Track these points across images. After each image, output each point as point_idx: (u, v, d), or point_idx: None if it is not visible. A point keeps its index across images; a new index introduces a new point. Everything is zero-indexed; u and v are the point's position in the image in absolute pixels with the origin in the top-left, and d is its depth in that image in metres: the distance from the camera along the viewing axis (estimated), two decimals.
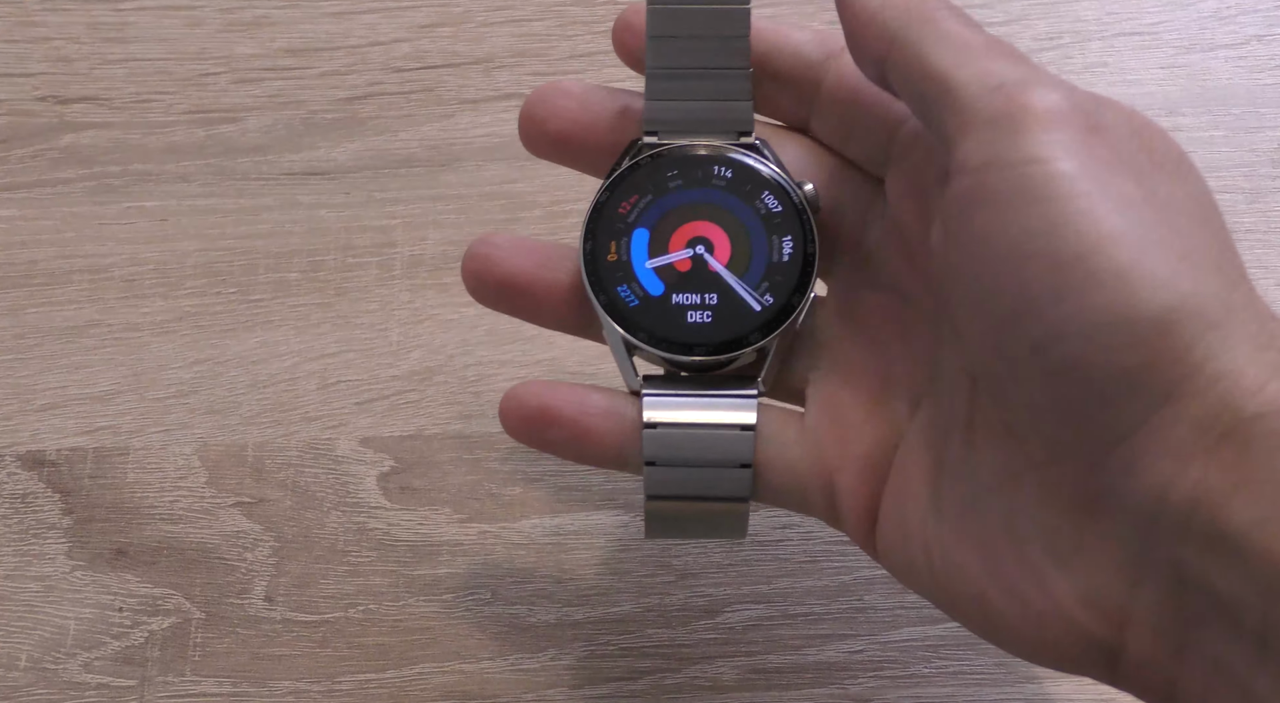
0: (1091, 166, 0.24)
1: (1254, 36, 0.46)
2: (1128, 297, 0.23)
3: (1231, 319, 0.23)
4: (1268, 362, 0.23)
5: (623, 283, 0.31)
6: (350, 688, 0.36)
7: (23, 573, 0.38)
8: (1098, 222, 0.23)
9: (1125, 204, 0.24)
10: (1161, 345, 0.23)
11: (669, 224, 0.31)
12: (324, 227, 0.43)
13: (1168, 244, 0.24)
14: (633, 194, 0.31)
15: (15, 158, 0.45)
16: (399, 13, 0.47)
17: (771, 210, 0.31)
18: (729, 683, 0.36)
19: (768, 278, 0.31)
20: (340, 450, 0.40)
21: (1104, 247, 0.23)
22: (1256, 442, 0.22)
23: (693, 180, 0.31)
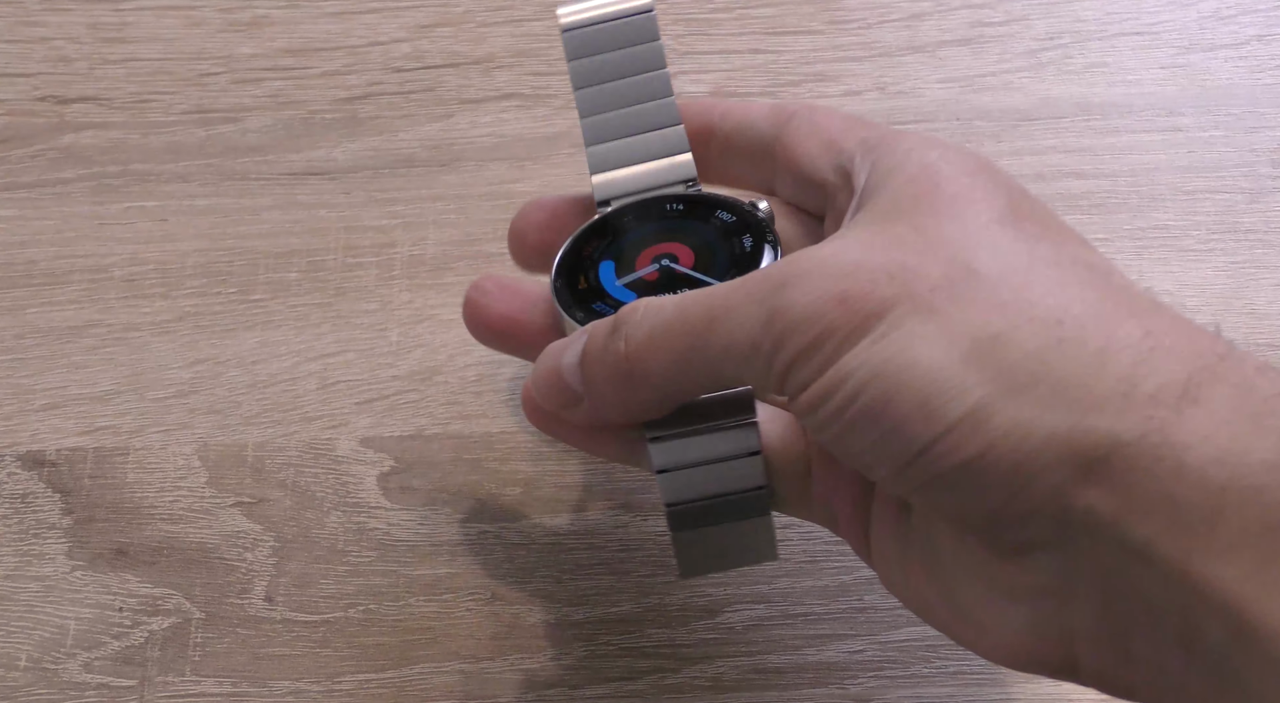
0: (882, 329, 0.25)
1: (1254, 36, 0.46)
2: (934, 416, 0.24)
3: (1065, 358, 0.24)
4: (1120, 384, 0.23)
5: (597, 301, 0.31)
6: (350, 688, 0.36)
7: (23, 573, 0.38)
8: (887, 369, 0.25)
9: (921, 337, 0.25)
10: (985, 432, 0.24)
11: (632, 251, 0.32)
12: (324, 227, 0.43)
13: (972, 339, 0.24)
14: (593, 239, 0.33)
15: (15, 158, 0.45)
16: (399, 13, 0.47)
17: (727, 223, 0.32)
18: (729, 683, 0.36)
19: (735, 267, 0.31)
20: (340, 450, 0.40)
21: (897, 389, 0.25)
22: (1126, 477, 0.23)
23: (648, 218, 0.33)
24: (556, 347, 0.31)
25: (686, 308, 0.28)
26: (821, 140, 0.32)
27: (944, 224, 0.26)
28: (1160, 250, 0.42)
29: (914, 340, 0.24)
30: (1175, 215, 0.43)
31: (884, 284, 0.25)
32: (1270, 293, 0.41)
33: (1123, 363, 0.24)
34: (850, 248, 0.27)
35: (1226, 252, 0.42)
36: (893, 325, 0.25)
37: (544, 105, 0.46)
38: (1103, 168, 0.44)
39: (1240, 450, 0.22)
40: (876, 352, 0.25)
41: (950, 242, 0.26)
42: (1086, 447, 0.23)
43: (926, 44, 0.47)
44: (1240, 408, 0.23)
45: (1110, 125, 0.44)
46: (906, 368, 0.24)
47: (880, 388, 0.25)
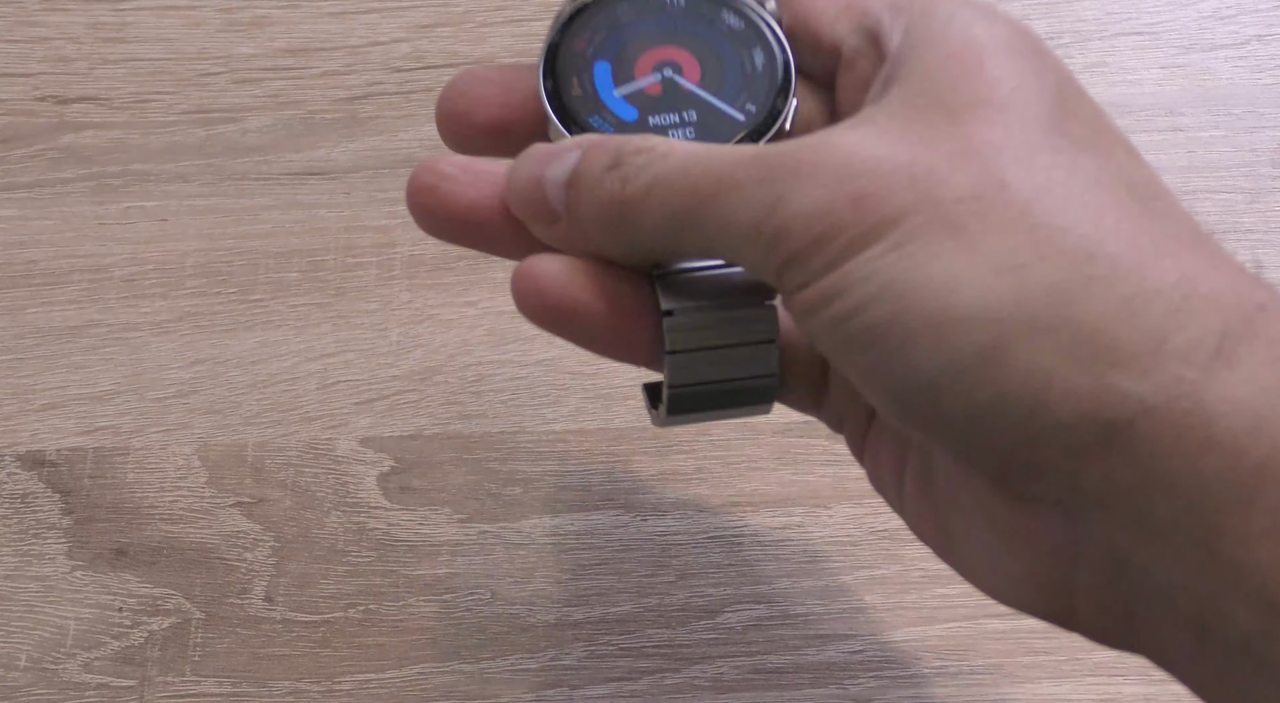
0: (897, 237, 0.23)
1: (1254, 36, 0.46)
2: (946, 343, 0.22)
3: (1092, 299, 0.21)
4: (1150, 337, 0.21)
5: (594, 113, 0.28)
6: (350, 688, 0.36)
7: (23, 573, 0.38)
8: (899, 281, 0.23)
9: (939, 253, 0.22)
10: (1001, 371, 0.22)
11: (631, 54, 0.29)
12: (324, 227, 0.43)
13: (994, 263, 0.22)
14: (586, 33, 0.29)
15: (15, 158, 0.45)
16: (399, 13, 0.47)
17: (734, 28, 0.29)
18: (729, 683, 0.36)
19: (745, 89, 0.29)
20: (340, 450, 0.40)
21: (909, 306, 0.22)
22: (1150, 445, 0.21)
23: (646, 11, 0.29)
24: (542, 152, 0.27)
25: (692, 167, 0.25)
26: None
27: (981, 121, 0.23)
28: None
29: (931, 257, 0.22)
30: None
31: (904, 188, 0.22)
32: None
33: (1154, 312, 0.21)
34: (871, 138, 0.24)
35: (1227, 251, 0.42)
36: (909, 235, 0.22)
37: None
38: None
39: (1278, 420, 0.20)
40: (887, 264, 0.22)
41: (986, 145, 0.23)
42: (1109, 408, 0.21)
43: None
44: (1277, 369, 0.21)
45: None
46: (919, 287, 0.22)
47: (887, 305, 0.22)
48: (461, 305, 0.42)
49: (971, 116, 0.23)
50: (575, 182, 0.26)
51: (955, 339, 0.22)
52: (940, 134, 0.23)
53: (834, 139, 0.24)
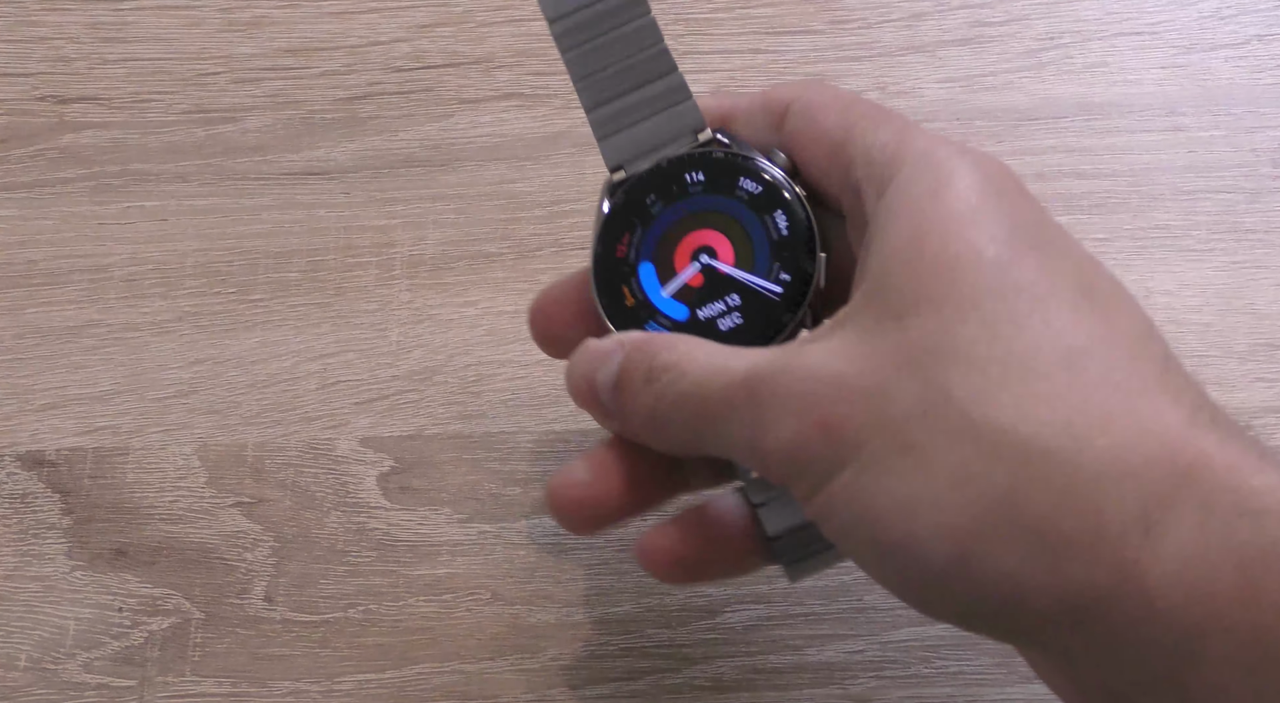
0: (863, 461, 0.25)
1: (1254, 36, 0.46)
2: (919, 559, 0.25)
3: (1034, 498, 0.24)
4: (1088, 527, 0.23)
5: (649, 320, 0.31)
6: (350, 688, 0.36)
7: (22, 573, 0.38)
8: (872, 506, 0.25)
9: (899, 473, 0.25)
10: (970, 579, 0.24)
11: (667, 247, 0.31)
12: (323, 226, 0.43)
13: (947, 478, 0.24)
14: (623, 233, 0.31)
15: (14, 158, 0.45)
16: (399, 13, 0.47)
17: (753, 193, 0.31)
18: (729, 683, 0.36)
19: (776, 257, 0.31)
20: (340, 450, 0.39)
21: (883, 529, 0.25)
22: (1106, 625, 0.24)
23: (670, 197, 0.31)
24: (592, 352, 0.30)
25: (702, 387, 0.28)
26: (825, 147, 0.30)
27: (924, 322, 0.25)
28: (1160, 250, 0.42)
29: (892, 480, 0.25)
30: (1175, 215, 0.43)
31: (862, 409, 0.25)
32: (1270, 293, 0.41)
33: (1090, 498, 0.23)
34: (833, 356, 0.26)
35: (1226, 251, 0.42)
36: (872, 459, 0.25)
37: (544, 105, 0.46)
38: (1103, 168, 0.44)
39: (1207, 587, 0.23)
40: (858, 490, 0.25)
41: (928, 351, 0.25)
42: (1074, 595, 0.23)
43: (926, 44, 0.47)
44: (1202, 536, 0.23)
45: (1110, 125, 0.44)
46: (886, 512, 0.25)
47: (864, 531, 0.25)
48: (461, 305, 0.42)
49: (915, 319, 0.25)
50: (620, 389, 0.29)
51: (925, 556, 0.24)
52: (889, 342, 0.25)
53: (803, 360, 0.26)
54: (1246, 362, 0.40)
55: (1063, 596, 0.23)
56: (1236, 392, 0.40)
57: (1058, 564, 0.23)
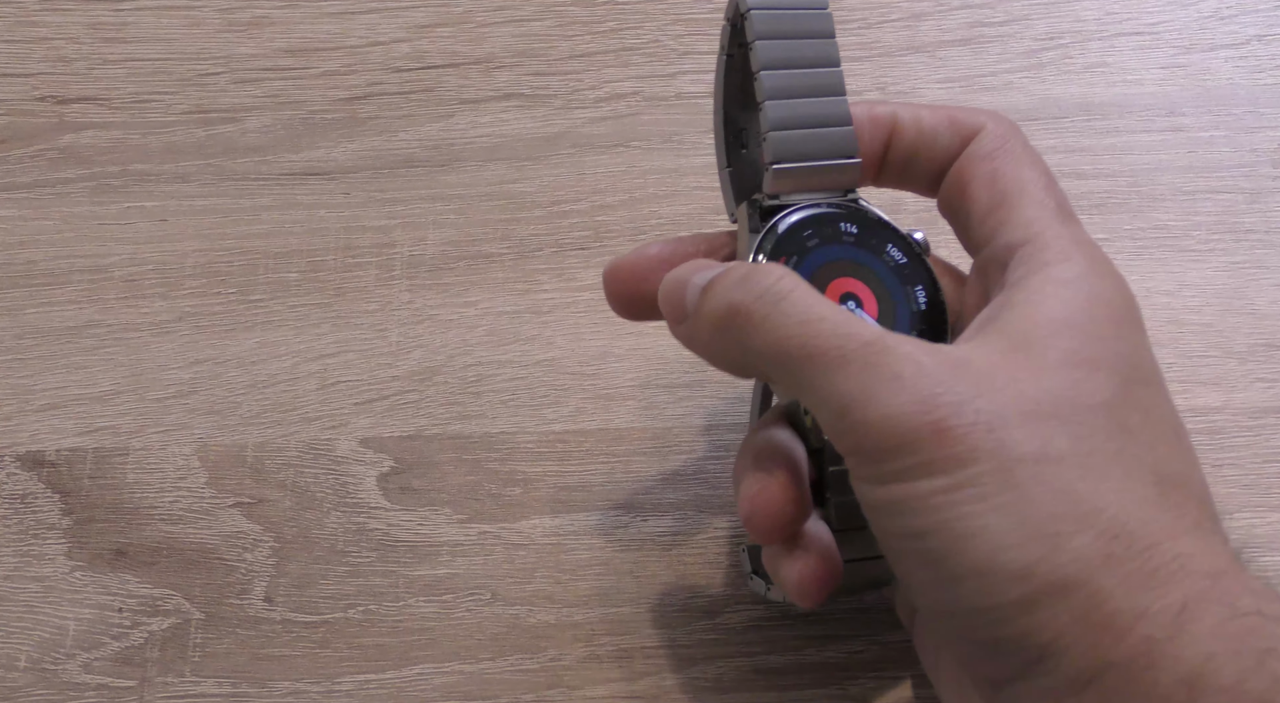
0: (950, 477, 0.26)
1: (1254, 36, 0.46)
2: (987, 590, 0.26)
3: (1101, 574, 0.25)
4: (1133, 608, 0.25)
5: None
6: (350, 689, 0.36)
7: (22, 574, 0.38)
8: (955, 524, 0.26)
9: (984, 501, 0.26)
10: (1027, 622, 0.26)
11: (821, 281, 0.32)
12: (323, 227, 0.43)
13: (1029, 528, 0.26)
14: (781, 255, 0.32)
15: (14, 158, 0.45)
16: (399, 13, 0.47)
17: (899, 262, 0.32)
18: (729, 684, 0.36)
19: (914, 327, 0.31)
20: (340, 451, 0.39)
21: (963, 547, 0.26)
22: (1111, 687, 0.25)
23: (826, 236, 0.32)
24: (700, 262, 0.31)
25: (810, 316, 0.28)
26: (995, 196, 0.31)
27: (1059, 386, 0.27)
28: (1160, 250, 0.42)
29: (989, 508, 0.26)
30: (1175, 215, 0.43)
31: (981, 433, 0.26)
32: (1270, 293, 0.41)
33: (1146, 587, 0.25)
34: (968, 370, 0.27)
35: (1227, 252, 0.42)
36: (974, 479, 0.26)
37: (544, 105, 0.46)
38: (1103, 168, 0.44)
39: (1208, 673, 0.24)
40: (951, 502, 0.26)
41: (1058, 411, 0.27)
42: (1095, 663, 0.25)
43: (926, 44, 0.47)
44: (1220, 630, 0.25)
45: (1110, 125, 0.44)
46: (974, 535, 0.26)
47: (944, 542, 0.26)
48: (461, 306, 0.42)
49: (1053, 379, 0.27)
50: (710, 287, 0.30)
51: (996, 589, 0.26)
52: (1024, 388, 0.27)
53: (940, 357, 0.27)
54: (1246, 362, 0.40)
55: (1090, 660, 0.25)
56: (1236, 392, 0.40)
57: (1099, 634, 0.25)
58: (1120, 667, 0.25)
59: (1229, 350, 0.40)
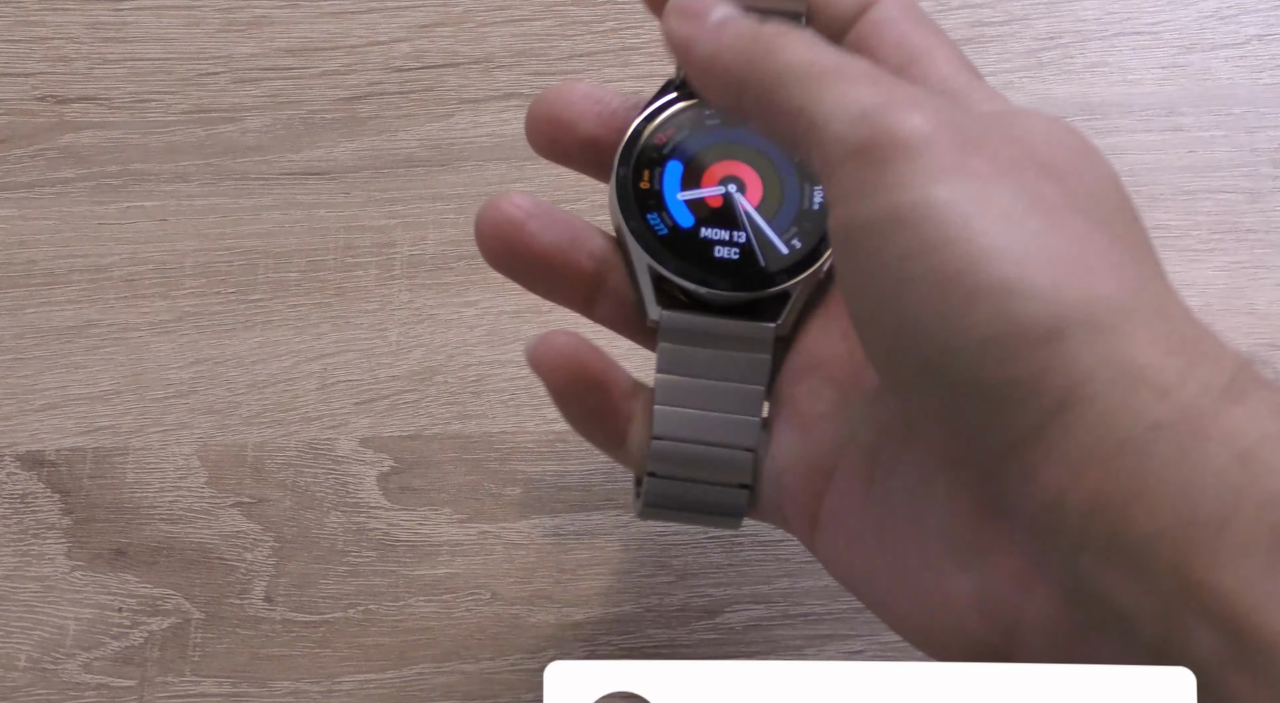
0: (965, 185, 0.24)
1: (1254, 36, 0.46)
2: (1010, 310, 0.23)
3: (1132, 322, 0.23)
4: (1174, 368, 0.22)
5: (653, 211, 0.31)
6: (350, 688, 0.36)
7: (22, 573, 0.38)
8: (974, 239, 0.23)
9: (1005, 218, 0.23)
10: (1049, 356, 0.23)
11: (703, 160, 0.31)
12: (323, 226, 0.43)
13: (1054, 252, 0.23)
14: (670, 128, 0.31)
15: (14, 158, 0.45)
16: (399, 13, 0.47)
17: (805, 162, 0.30)
18: None
19: (797, 224, 0.31)
20: (340, 451, 0.39)
21: (983, 262, 0.23)
22: (1156, 451, 0.22)
23: (730, 121, 0.31)
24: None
25: (817, 49, 0.26)
26: (903, 57, 0.29)
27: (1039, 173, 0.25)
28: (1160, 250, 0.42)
29: (1015, 226, 0.23)
30: (1175, 215, 0.43)
31: (1005, 164, 0.24)
32: (1271, 293, 0.41)
33: (1179, 351, 0.23)
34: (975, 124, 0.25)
35: (1227, 252, 0.42)
36: (998, 199, 0.24)
37: None
38: None
39: (1266, 454, 0.21)
40: (973, 216, 0.23)
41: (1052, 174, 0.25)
42: (1126, 423, 0.22)
43: None
44: (1274, 410, 0.22)
45: (1110, 125, 0.44)
46: (1001, 250, 0.23)
47: (962, 256, 0.23)
48: (461, 306, 0.42)
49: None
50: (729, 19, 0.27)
51: (1020, 311, 0.23)
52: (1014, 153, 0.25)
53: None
54: None
55: (1120, 418, 0.22)
56: None
57: (1134, 387, 0.22)
58: (1165, 430, 0.22)
59: None
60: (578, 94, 0.31)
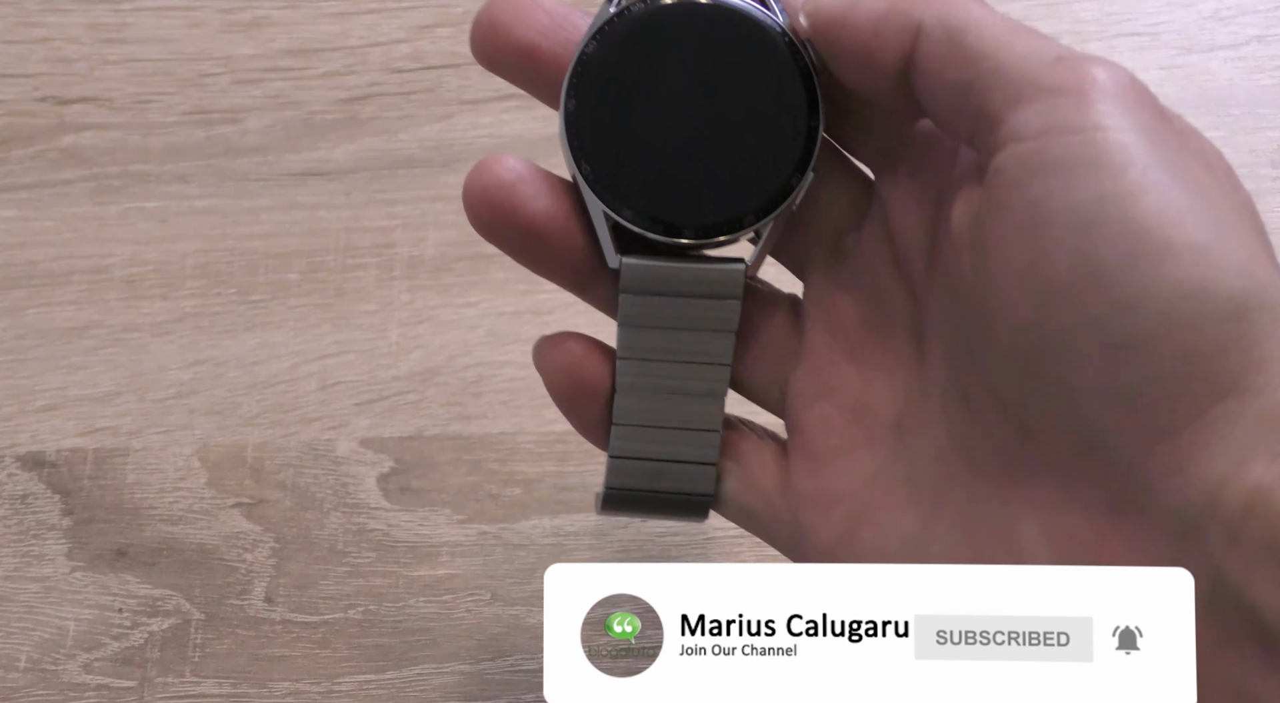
0: (1159, 144, 0.23)
1: (1254, 37, 0.46)
2: (1207, 273, 0.21)
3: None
4: None
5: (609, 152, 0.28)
6: (350, 689, 0.36)
7: (22, 574, 0.38)
8: (1172, 194, 0.22)
9: (1194, 185, 0.23)
10: (1234, 331, 0.21)
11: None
12: (324, 227, 0.43)
13: (1236, 231, 0.22)
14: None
15: (15, 158, 0.45)
16: (399, 13, 0.47)
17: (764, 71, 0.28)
18: None
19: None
20: (340, 451, 0.40)
21: (1180, 219, 0.22)
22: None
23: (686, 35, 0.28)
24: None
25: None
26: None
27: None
28: None
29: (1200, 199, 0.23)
30: None
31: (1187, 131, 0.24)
32: None
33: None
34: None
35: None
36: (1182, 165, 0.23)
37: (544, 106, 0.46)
38: None
39: None
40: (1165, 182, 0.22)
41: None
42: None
43: None
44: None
45: None
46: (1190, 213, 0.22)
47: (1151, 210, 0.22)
48: (461, 306, 0.42)
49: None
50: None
51: (1213, 274, 0.22)
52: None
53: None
54: None
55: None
56: None
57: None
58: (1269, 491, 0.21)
59: None
60: (526, 3, 0.28)
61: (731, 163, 0.28)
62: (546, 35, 0.28)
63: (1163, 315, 0.22)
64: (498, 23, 0.28)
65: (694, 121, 0.28)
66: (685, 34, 0.28)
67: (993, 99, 0.24)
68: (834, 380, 0.29)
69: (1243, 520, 0.21)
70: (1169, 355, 0.22)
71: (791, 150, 0.28)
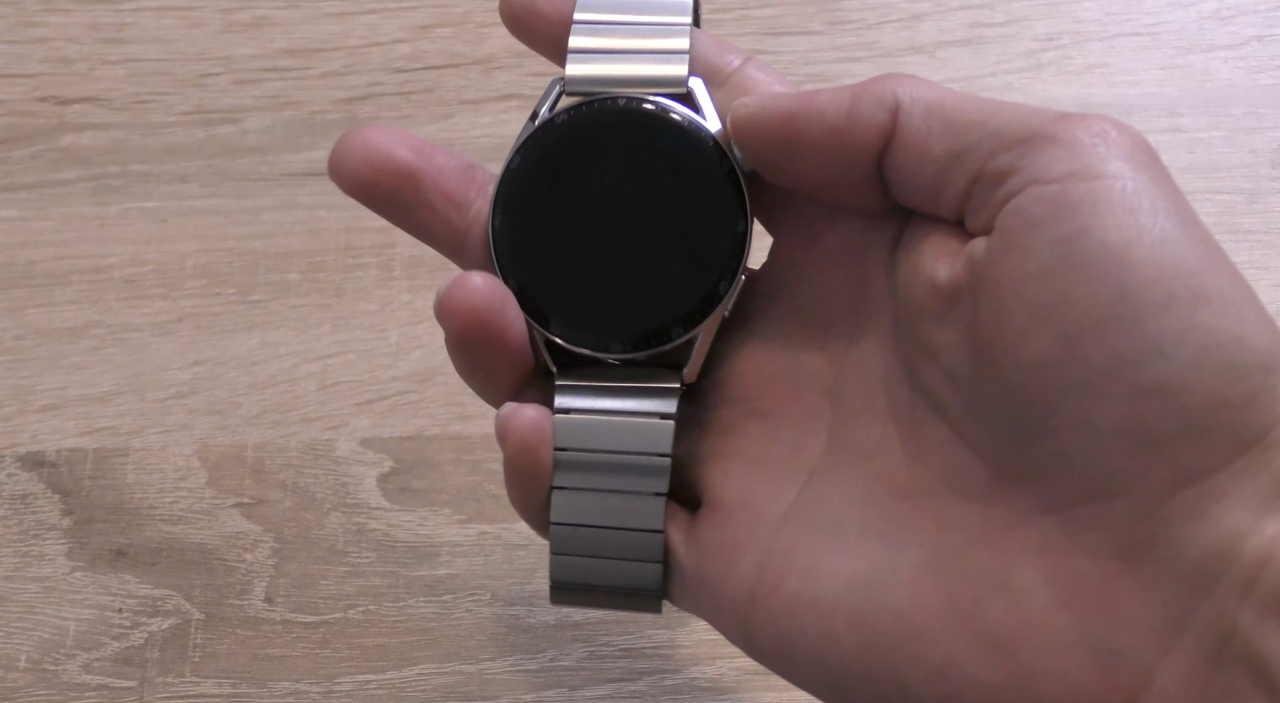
0: (1176, 197, 0.23)
1: (1254, 37, 0.46)
2: (1237, 325, 0.22)
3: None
4: None
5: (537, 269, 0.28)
6: (350, 689, 0.36)
7: (23, 574, 0.38)
8: (1199, 245, 0.22)
9: (1210, 240, 0.23)
10: (1263, 384, 0.21)
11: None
12: (324, 227, 0.43)
13: (1249, 289, 0.23)
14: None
15: (15, 158, 0.45)
16: (399, 13, 0.47)
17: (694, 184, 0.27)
18: (729, 684, 0.36)
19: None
20: (340, 451, 0.40)
21: (1209, 269, 0.22)
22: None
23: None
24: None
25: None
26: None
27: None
28: None
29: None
30: None
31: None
32: (1270, 293, 0.41)
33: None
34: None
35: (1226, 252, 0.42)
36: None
37: None
38: None
39: None
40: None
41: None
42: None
43: (926, 45, 0.47)
44: None
45: None
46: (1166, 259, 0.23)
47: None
48: None
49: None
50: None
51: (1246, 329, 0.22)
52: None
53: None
54: None
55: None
56: None
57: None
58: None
59: None
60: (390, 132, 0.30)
61: (659, 272, 0.27)
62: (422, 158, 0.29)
63: (1195, 363, 0.22)
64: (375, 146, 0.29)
65: (621, 232, 0.27)
66: (610, 143, 0.27)
67: (997, 158, 0.24)
68: (737, 439, 0.28)
69: (1258, 573, 0.21)
70: (1200, 404, 0.22)
71: (719, 255, 0.27)
